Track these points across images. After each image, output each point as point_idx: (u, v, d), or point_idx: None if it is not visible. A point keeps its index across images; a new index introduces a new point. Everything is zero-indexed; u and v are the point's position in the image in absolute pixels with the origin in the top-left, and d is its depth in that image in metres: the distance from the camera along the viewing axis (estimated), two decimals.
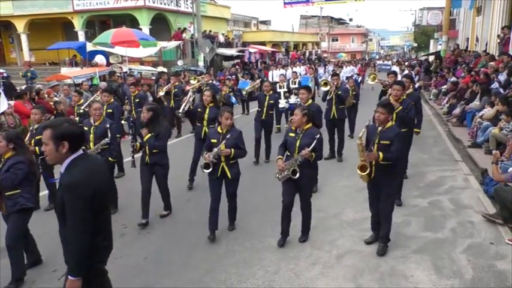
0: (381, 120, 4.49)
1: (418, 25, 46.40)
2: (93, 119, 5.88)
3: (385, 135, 4.45)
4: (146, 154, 5.55)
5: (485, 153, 8.52)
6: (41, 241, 4.78)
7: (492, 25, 17.55)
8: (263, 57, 28.66)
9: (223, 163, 4.96)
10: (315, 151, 4.62)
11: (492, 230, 5.19)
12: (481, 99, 10.89)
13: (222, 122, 5.02)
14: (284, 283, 4.19)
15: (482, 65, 14.47)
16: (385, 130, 4.48)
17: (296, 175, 4.61)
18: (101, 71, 13.80)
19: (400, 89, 6.06)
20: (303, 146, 4.60)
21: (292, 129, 4.82)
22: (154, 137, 5.48)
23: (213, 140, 5.04)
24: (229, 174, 5.02)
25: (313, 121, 4.86)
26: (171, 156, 5.96)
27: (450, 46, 24.62)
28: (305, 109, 4.79)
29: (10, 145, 4.20)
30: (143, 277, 4.39)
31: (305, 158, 4.55)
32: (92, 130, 5.78)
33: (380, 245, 4.66)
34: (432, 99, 17.19)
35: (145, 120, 5.53)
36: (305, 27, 59.37)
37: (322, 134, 4.85)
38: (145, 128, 5.56)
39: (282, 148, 4.90)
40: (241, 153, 5.09)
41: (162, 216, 5.80)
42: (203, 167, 4.96)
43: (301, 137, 4.67)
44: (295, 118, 4.71)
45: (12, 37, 25.29)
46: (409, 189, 6.56)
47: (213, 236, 5.11)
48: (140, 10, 21.40)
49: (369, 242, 4.85)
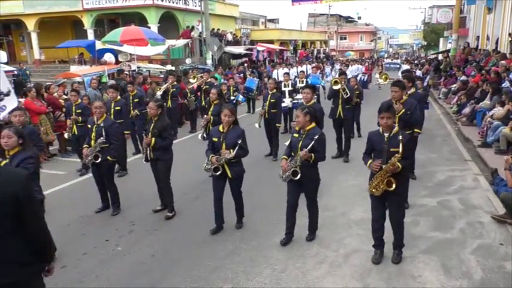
0: (389, 125, 4.21)
1: (427, 23, 45.99)
2: (96, 117, 5.93)
3: (394, 142, 4.15)
4: (149, 149, 5.64)
5: (495, 153, 8.43)
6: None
7: (503, 23, 17.35)
8: (271, 55, 28.59)
9: (224, 162, 4.94)
10: (315, 151, 4.54)
11: (502, 231, 5.13)
12: (491, 98, 10.77)
13: (222, 119, 4.98)
14: (291, 282, 4.18)
15: (493, 64, 14.31)
16: (393, 136, 4.19)
17: (297, 176, 4.57)
18: (110, 69, 13.86)
19: (397, 90, 5.72)
20: (304, 146, 4.54)
21: (296, 129, 4.78)
22: (158, 135, 5.53)
23: (215, 138, 5.03)
24: (230, 173, 4.99)
25: (317, 119, 4.75)
26: (181, 154, 6.00)
27: (460, 44, 24.36)
28: (305, 108, 4.71)
29: (20, 140, 4.25)
30: (150, 274, 4.42)
31: (304, 159, 4.51)
32: (94, 128, 5.85)
33: (395, 251, 4.49)
34: (442, 98, 17.04)
35: (153, 115, 5.59)
36: (313, 25, 59.23)
37: (329, 134, 4.81)
38: (152, 123, 5.62)
39: (288, 148, 4.87)
40: (242, 153, 4.99)
41: (167, 218, 5.76)
42: (213, 170, 4.96)
43: (304, 138, 4.62)
44: (298, 119, 4.65)
45: (22, 35, 25.55)
46: (418, 188, 6.51)
47: (216, 229, 5.19)
48: (149, 8, 21.47)
49: (378, 261, 4.45)
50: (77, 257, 4.79)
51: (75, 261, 4.71)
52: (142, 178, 7.09)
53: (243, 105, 14.69)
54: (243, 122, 5.87)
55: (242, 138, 4.95)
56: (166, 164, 5.70)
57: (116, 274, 4.43)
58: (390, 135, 4.19)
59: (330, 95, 8.45)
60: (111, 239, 5.23)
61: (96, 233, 5.42)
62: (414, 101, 5.93)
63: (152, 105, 5.64)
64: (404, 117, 5.68)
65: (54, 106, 9.45)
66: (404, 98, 5.87)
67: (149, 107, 5.70)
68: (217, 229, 5.27)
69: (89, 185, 6.81)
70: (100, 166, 5.86)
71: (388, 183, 4.17)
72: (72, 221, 5.78)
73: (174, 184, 5.91)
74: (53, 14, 22.85)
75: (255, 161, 8.20)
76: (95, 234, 5.38)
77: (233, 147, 4.89)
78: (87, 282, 4.31)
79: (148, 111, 5.71)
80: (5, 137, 4.18)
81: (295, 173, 4.59)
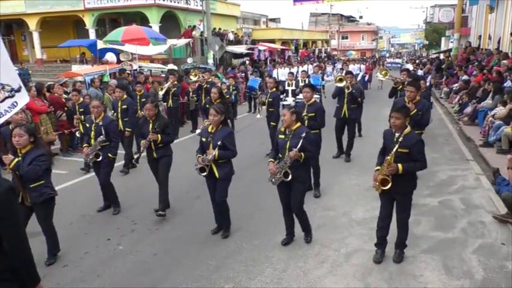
0: (397, 125, 4.14)
1: (429, 22, 45.89)
2: (93, 116, 5.97)
3: (404, 143, 4.08)
4: (152, 150, 5.66)
5: (497, 152, 8.42)
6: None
7: (505, 22, 17.29)
8: (272, 55, 28.56)
9: (211, 162, 4.86)
10: (305, 150, 4.48)
11: (503, 231, 5.12)
12: (493, 97, 10.75)
13: (209, 119, 4.93)
14: (292, 281, 4.19)
15: (495, 63, 14.28)
16: (404, 137, 4.11)
17: (288, 177, 4.51)
18: (111, 69, 13.88)
19: (413, 90, 5.70)
20: (293, 146, 4.47)
21: (282, 130, 4.70)
22: (162, 132, 5.58)
23: (203, 138, 4.98)
24: (217, 173, 4.89)
25: (302, 120, 4.73)
26: (182, 153, 6.00)
27: (462, 44, 24.31)
28: (292, 108, 4.70)
29: (31, 138, 4.28)
30: (152, 273, 4.43)
31: (294, 159, 4.44)
32: (93, 127, 5.90)
33: (396, 251, 4.48)
34: (443, 98, 17.02)
35: (151, 116, 5.62)
36: (315, 24, 59.15)
37: (330, 133, 4.79)
38: (151, 123, 5.62)
39: (274, 151, 4.82)
40: (226, 155, 4.85)
41: (159, 215, 5.59)
42: (199, 170, 4.92)
43: (291, 138, 4.54)
44: (285, 118, 4.57)
45: (24, 35, 25.58)
46: (420, 188, 6.44)
47: (216, 229, 5.19)
48: (150, 8, 21.48)
49: (379, 261, 4.45)
50: (79, 256, 4.80)
51: (77, 260, 4.72)
52: (143, 177, 7.10)
53: (244, 104, 14.69)
54: (244, 121, 5.87)
55: (228, 139, 4.83)
56: (168, 159, 5.77)
57: (118, 273, 4.44)
58: (401, 135, 4.12)
59: (335, 93, 8.32)
60: (112, 238, 5.24)
61: (98, 232, 5.43)
62: (427, 102, 5.99)
63: (150, 106, 5.64)
64: (416, 117, 5.66)
65: (56, 105, 9.45)
66: (417, 98, 5.84)
67: (147, 108, 5.66)
68: (218, 229, 5.26)
69: (91, 184, 6.83)
70: (100, 164, 5.90)
71: (383, 182, 4.16)
72: (74, 220, 5.79)
73: (176, 183, 5.93)
74: (54, 13, 22.88)
75: (256, 161, 8.21)
76: (96, 233, 5.39)
77: (220, 148, 4.80)
78: (89, 281, 4.32)
79: (147, 113, 5.68)
80: (16, 136, 4.23)
81: (287, 174, 4.52)
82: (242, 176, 6.65)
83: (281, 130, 4.71)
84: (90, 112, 7.62)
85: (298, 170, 4.55)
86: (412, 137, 4.15)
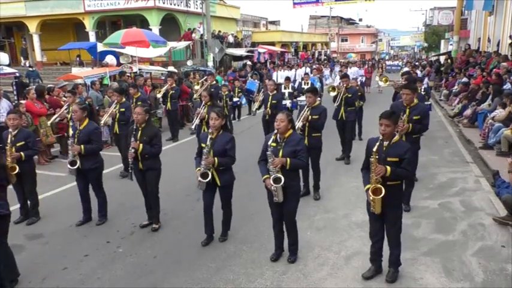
0: (387, 133, 3.87)
1: (428, 25, 45.95)
2: (77, 122, 5.63)
3: (393, 152, 3.86)
4: (138, 160, 5.31)
5: (496, 154, 8.43)
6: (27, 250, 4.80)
7: (504, 25, 17.34)
8: (272, 57, 28.58)
9: (212, 169, 4.76)
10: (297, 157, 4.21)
11: (504, 233, 5.12)
12: (492, 100, 10.77)
13: (210, 123, 4.78)
14: (292, 284, 4.18)
15: (494, 66, 14.31)
16: (392, 145, 3.89)
17: (281, 182, 4.20)
18: (112, 71, 13.89)
19: (409, 93, 5.52)
20: (286, 155, 4.23)
21: (273, 138, 4.33)
22: (148, 142, 5.22)
23: (203, 144, 4.76)
24: (219, 181, 4.82)
25: (293, 126, 4.45)
26: (182, 155, 5.98)
27: (461, 46, 24.36)
28: (290, 115, 4.38)
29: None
30: (152, 276, 4.42)
31: (278, 166, 4.19)
32: (77, 134, 5.56)
33: (390, 270, 4.16)
34: (443, 100, 17.04)
35: (141, 122, 5.25)
36: (314, 27, 59.22)
37: (332, 136, 4.75)
38: (139, 130, 5.26)
39: (263, 163, 4.40)
40: (227, 162, 4.75)
41: (154, 230, 5.46)
42: (201, 177, 4.73)
43: (283, 146, 4.27)
44: (281, 125, 4.26)
45: (24, 37, 25.60)
46: (419, 190, 6.51)
47: (206, 241, 5.01)
48: (150, 11, 21.52)
49: (368, 276, 4.18)
50: (79, 259, 4.79)
51: (77, 262, 4.72)
52: None
53: (244, 107, 14.71)
54: (244, 124, 5.86)
55: (230, 145, 4.72)
56: (156, 173, 5.43)
57: (118, 275, 4.44)
58: (390, 143, 3.90)
59: (334, 99, 8.32)
60: (112, 240, 5.24)
61: (97, 235, 5.42)
62: (425, 106, 5.82)
63: (140, 110, 5.25)
64: (416, 127, 5.55)
65: (56, 108, 9.45)
66: (416, 101, 5.68)
67: (137, 113, 5.25)
68: (208, 240, 5.04)
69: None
70: (87, 175, 5.63)
71: (375, 192, 3.85)
72: (74, 223, 5.78)
73: (176, 185, 5.91)
74: (55, 16, 22.91)
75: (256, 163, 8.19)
76: (96, 236, 5.39)
77: (221, 155, 4.69)
78: (88, 283, 4.31)
79: (136, 118, 5.26)
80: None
81: (278, 180, 4.21)
82: (242, 178, 6.64)
83: (273, 138, 4.34)
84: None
85: (292, 181, 4.32)
86: (402, 146, 3.93)
